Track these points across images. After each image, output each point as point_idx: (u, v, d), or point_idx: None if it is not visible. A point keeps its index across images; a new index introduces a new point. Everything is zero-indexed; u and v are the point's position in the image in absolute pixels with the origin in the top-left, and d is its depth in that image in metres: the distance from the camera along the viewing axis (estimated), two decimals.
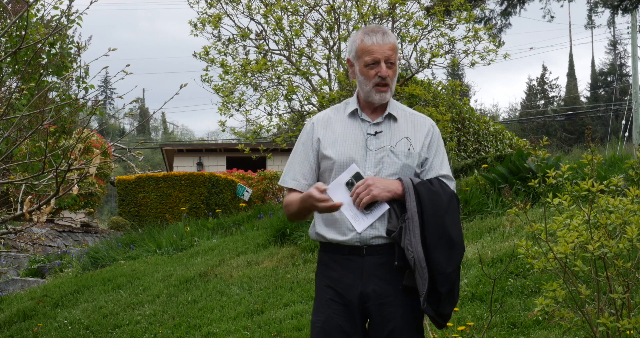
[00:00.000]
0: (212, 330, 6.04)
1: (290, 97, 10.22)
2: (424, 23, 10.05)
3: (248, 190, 13.60)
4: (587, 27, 55.21)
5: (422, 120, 2.92)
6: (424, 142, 2.86)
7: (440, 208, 2.72)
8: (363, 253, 2.77)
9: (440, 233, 2.69)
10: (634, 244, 3.04)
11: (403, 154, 2.81)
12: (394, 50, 2.84)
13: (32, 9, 5.96)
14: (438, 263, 2.66)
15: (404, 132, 2.86)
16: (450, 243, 2.70)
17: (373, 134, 2.84)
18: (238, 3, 10.43)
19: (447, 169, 2.89)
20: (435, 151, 2.88)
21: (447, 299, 2.71)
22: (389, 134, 2.84)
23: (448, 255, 2.68)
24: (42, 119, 4.84)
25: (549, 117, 46.76)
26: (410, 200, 2.70)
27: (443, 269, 2.66)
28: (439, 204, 2.72)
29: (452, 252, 2.70)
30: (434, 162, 2.86)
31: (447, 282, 2.67)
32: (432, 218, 2.69)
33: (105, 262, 10.26)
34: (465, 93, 33.16)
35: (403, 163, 2.81)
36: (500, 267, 5.72)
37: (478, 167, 10.61)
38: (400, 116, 2.90)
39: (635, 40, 23.47)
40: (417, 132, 2.86)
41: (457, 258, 2.71)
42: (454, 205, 2.77)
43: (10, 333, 7.40)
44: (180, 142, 47.05)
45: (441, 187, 2.79)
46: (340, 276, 2.79)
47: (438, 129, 2.94)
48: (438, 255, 2.66)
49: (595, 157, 3.35)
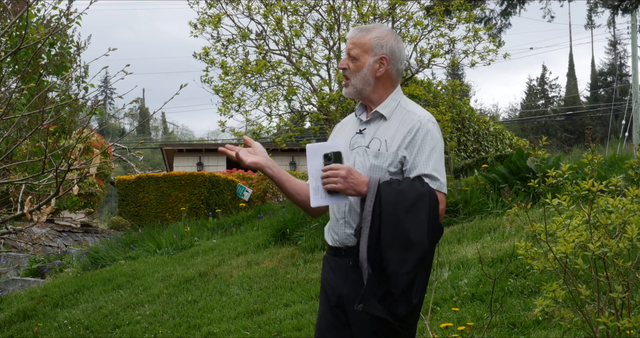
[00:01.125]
0: (212, 330, 6.04)
1: (290, 98, 10.22)
2: (424, 23, 10.05)
3: (248, 190, 13.60)
4: (587, 27, 55.31)
5: (411, 117, 2.80)
6: (404, 140, 2.75)
7: (400, 208, 2.63)
8: (342, 253, 2.80)
9: (396, 233, 2.62)
10: (634, 244, 3.04)
11: (372, 154, 2.76)
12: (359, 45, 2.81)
13: (32, 9, 5.96)
14: (391, 263, 2.61)
15: (390, 130, 2.79)
16: (407, 243, 2.61)
17: (359, 133, 2.84)
18: (238, 3, 10.43)
19: (433, 167, 2.73)
20: (419, 149, 2.74)
21: (402, 300, 2.63)
22: (371, 133, 2.81)
23: (403, 256, 2.61)
24: (42, 118, 4.84)
25: (549, 117, 46.77)
26: (369, 200, 2.66)
27: (396, 269, 2.60)
28: (400, 204, 2.63)
29: (407, 252, 2.61)
30: (416, 160, 2.73)
31: (401, 282, 2.60)
32: (390, 218, 2.63)
33: (105, 262, 10.26)
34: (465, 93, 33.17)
35: (371, 164, 2.75)
36: (500, 267, 5.72)
37: (478, 167, 10.62)
38: (396, 114, 2.82)
39: (635, 40, 23.48)
40: (401, 131, 2.78)
41: (413, 258, 2.61)
42: (423, 204, 2.64)
43: (10, 333, 7.40)
44: (180, 142, 47.06)
45: (411, 186, 2.67)
46: (328, 276, 2.86)
47: (431, 126, 2.79)
48: (392, 255, 2.61)
49: (595, 157, 3.35)
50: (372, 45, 2.81)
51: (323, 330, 2.84)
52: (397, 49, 2.85)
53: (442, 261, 6.28)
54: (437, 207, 2.68)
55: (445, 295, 5.47)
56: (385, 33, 2.85)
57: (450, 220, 7.87)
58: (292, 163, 22.93)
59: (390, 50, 2.83)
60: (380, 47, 2.82)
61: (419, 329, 4.87)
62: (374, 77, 2.83)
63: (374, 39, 2.82)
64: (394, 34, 2.90)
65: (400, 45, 2.87)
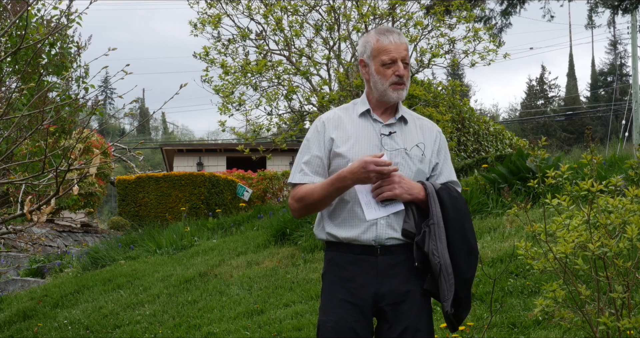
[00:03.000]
0: (212, 330, 6.04)
1: (290, 97, 10.23)
2: (424, 23, 10.05)
3: (248, 190, 13.60)
4: (587, 27, 55.23)
5: (430, 126, 2.95)
6: (434, 148, 2.90)
7: (461, 214, 2.75)
8: (377, 253, 2.75)
9: (462, 239, 2.72)
10: (633, 244, 3.04)
11: (417, 158, 2.83)
12: (408, 50, 2.89)
13: (32, 9, 5.96)
14: (461, 268, 2.69)
15: (415, 135, 2.88)
16: (470, 248, 2.73)
17: (387, 135, 2.84)
18: (238, 3, 10.43)
19: (454, 174, 2.96)
20: (444, 157, 2.93)
21: (465, 304, 2.74)
22: (402, 137, 2.85)
23: (469, 261, 2.72)
24: (42, 118, 4.84)
25: (549, 117, 46.77)
26: (435, 206, 2.72)
27: (464, 274, 2.69)
28: (460, 210, 2.76)
29: (471, 257, 2.73)
30: (444, 168, 2.91)
31: (467, 287, 2.71)
32: (455, 224, 2.72)
33: (105, 262, 10.26)
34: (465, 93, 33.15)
35: (417, 168, 2.82)
36: (500, 267, 5.72)
37: (478, 167, 10.61)
38: (410, 120, 2.92)
39: (635, 40, 23.47)
40: (427, 138, 2.90)
41: (475, 263, 2.74)
42: (468, 211, 2.83)
43: (10, 333, 7.40)
44: (180, 142, 47.05)
45: (458, 192, 2.83)
46: (353, 276, 2.76)
47: (444, 135, 3.00)
48: (461, 260, 2.69)
49: (595, 157, 3.35)
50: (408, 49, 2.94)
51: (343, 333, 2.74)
52: None
53: None
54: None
55: None
56: None
57: None
58: (292, 163, 22.91)
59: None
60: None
61: None
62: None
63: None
64: None
65: None
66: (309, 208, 2.82)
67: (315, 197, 2.77)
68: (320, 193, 2.75)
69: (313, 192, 2.77)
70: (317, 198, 2.77)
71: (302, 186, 2.83)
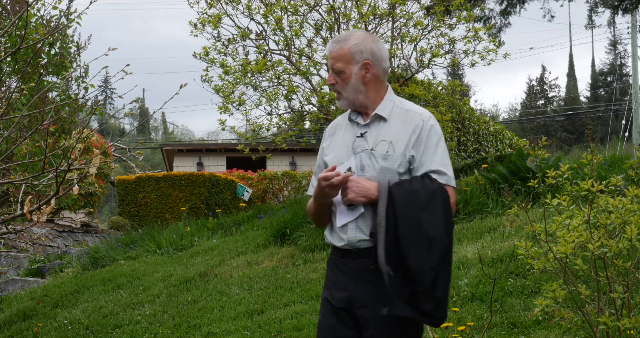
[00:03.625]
0: (212, 330, 6.04)
1: (290, 97, 10.22)
2: (424, 23, 10.05)
3: (248, 190, 13.60)
4: (587, 27, 55.26)
5: (413, 116, 2.83)
6: (410, 140, 2.78)
7: (415, 208, 2.66)
8: (353, 256, 2.79)
9: (416, 232, 2.65)
10: (633, 244, 3.04)
11: (381, 156, 2.77)
12: (340, 58, 2.83)
13: (32, 9, 5.96)
14: (413, 261, 2.63)
15: (393, 131, 2.80)
16: (428, 241, 2.65)
17: (360, 136, 2.83)
18: (238, 3, 10.43)
19: (439, 162, 2.78)
20: (425, 146, 2.78)
21: (427, 297, 2.65)
22: (374, 135, 2.82)
23: (425, 253, 2.64)
24: (42, 118, 4.84)
25: (549, 117, 46.79)
26: (381, 204, 2.68)
27: (419, 267, 2.62)
28: (415, 203, 2.67)
29: (430, 249, 2.64)
30: (423, 158, 2.77)
31: (425, 279, 2.63)
32: (406, 219, 2.65)
33: (105, 262, 10.26)
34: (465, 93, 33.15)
35: (381, 166, 2.76)
36: (500, 267, 5.72)
37: (478, 167, 10.61)
38: (394, 115, 2.84)
39: (635, 40, 23.48)
40: (405, 130, 2.80)
41: (436, 255, 2.65)
42: (436, 201, 2.69)
43: (10, 333, 7.40)
44: (180, 142, 47.06)
45: (422, 184, 2.71)
46: (335, 278, 2.84)
47: (432, 122, 2.83)
48: (413, 254, 2.63)
49: (595, 157, 3.35)
50: (352, 54, 2.83)
51: (324, 331, 2.83)
52: (377, 49, 2.86)
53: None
54: (448, 201, 2.73)
55: None
56: (361, 38, 2.86)
57: None
58: (292, 163, 22.92)
59: (371, 53, 2.84)
60: (361, 53, 2.83)
61: None
62: (363, 83, 2.84)
63: (353, 47, 2.83)
64: (371, 35, 2.91)
65: (379, 46, 2.87)
66: (314, 219, 2.97)
67: (312, 211, 2.92)
68: (312, 207, 2.90)
69: (310, 206, 2.93)
70: (313, 212, 2.92)
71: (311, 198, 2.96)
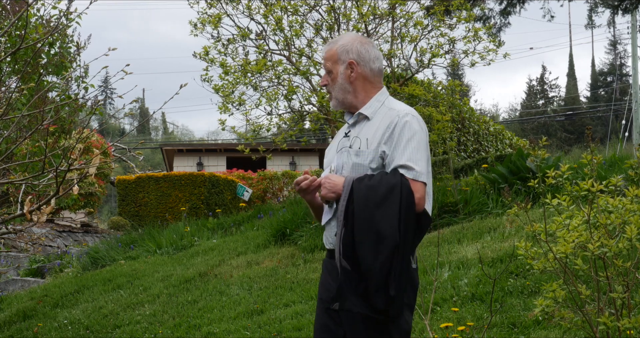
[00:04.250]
0: (212, 330, 6.04)
1: (290, 97, 10.21)
2: (424, 23, 10.04)
3: (248, 190, 13.60)
4: (587, 27, 55.24)
5: (391, 113, 2.85)
6: (383, 136, 2.80)
7: (370, 203, 2.67)
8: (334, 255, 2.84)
9: (367, 228, 2.66)
10: (633, 244, 3.04)
11: (354, 153, 2.85)
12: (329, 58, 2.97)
13: (32, 9, 5.96)
14: (363, 258, 2.65)
15: (371, 129, 2.86)
16: (378, 237, 2.64)
17: (345, 136, 2.95)
18: (238, 3, 10.42)
19: (408, 157, 2.75)
20: (396, 142, 2.78)
21: (379, 293, 2.63)
22: (354, 134, 2.91)
23: (375, 249, 2.64)
24: (42, 118, 4.84)
25: (549, 117, 46.78)
26: (342, 199, 2.75)
27: (369, 264, 2.63)
28: (371, 198, 2.68)
29: (379, 245, 2.64)
30: (393, 153, 2.77)
31: (374, 276, 2.62)
32: (361, 214, 2.68)
33: (105, 262, 10.26)
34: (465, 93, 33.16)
35: (353, 162, 2.84)
36: (500, 267, 5.72)
37: (478, 167, 10.62)
38: (378, 114, 2.88)
39: (635, 40, 23.48)
40: (381, 127, 2.84)
41: (385, 251, 2.63)
42: (394, 197, 2.67)
43: (10, 333, 7.40)
44: (180, 142, 47.06)
45: (382, 179, 2.71)
46: (325, 278, 2.93)
47: (409, 118, 2.82)
48: (364, 250, 2.65)
49: (595, 157, 3.35)
50: (339, 54, 2.97)
51: (317, 331, 2.88)
52: (364, 50, 2.95)
53: (442, 261, 6.28)
54: (410, 196, 2.69)
55: (445, 295, 5.46)
56: (350, 39, 2.99)
57: (450, 220, 7.87)
58: (292, 163, 22.92)
59: (357, 53, 2.94)
60: (347, 53, 2.95)
61: (419, 329, 4.87)
62: (349, 82, 2.94)
63: (340, 48, 2.97)
64: (360, 37, 3.01)
65: (366, 47, 2.96)
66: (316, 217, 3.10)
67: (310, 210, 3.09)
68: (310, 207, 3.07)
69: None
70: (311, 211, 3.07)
71: None
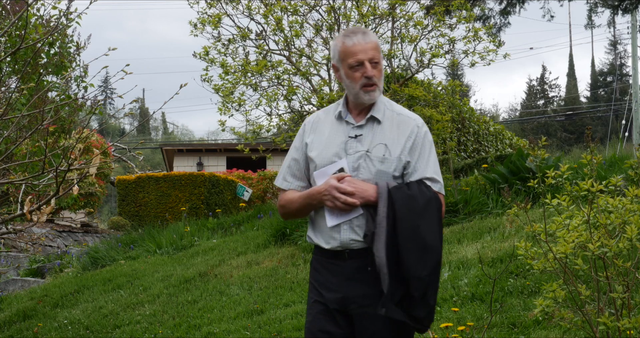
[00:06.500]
0: (212, 330, 6.04)
1: (290, 98, 10.21)
2: (424, 23, 10.04)
3: (248, 190, 13.60)
4: (587, 27, 55.17)
5: (407, 121, 2.83)
6: (405, 145, 2.79)
7: (414, 213, 2.67)
8: (345, 257, 2.78)
9: (413, 237, 2.66)
10: (633, 244, 3.04)
11: (378, 159, 2.76)
12: (376, 49, 2.80)
13: (32, 9, 5.96)
14: (411, 266, 2.64)
15: (387, 135, 2.80)
16: (424, 247, 2.66)
17: (353, 137, 2.82)
18: (238, 3, 10.42)
19: (433, 170, 2.80)
20: (420, 153, 2.80)
21: (421, 303, 2.67)
22: (369, 138, 2.81)
23: (422, 259, 2.65)
24: (42, 118, 4.84)
25: (549, 117, 46.78)
26: (382, 205, 2.68)
27: (416, 273, 2.64)
28: (413, 208, 2.68)
29: (426, 255, 2.66)
30: (417, 165, 2.79)
31: (421, 285, 2.65)
32: (405, 223, 2.66)
33: (105, 262, 10.26)
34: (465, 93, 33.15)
35: (377, 169, 2.76)
36: (500, 267, 5.72)
37: (478, 167, 10.61)
38: (387, 118, 2.84)
39: (635, 40, 23.47)
40: (400, 135, 2.80)
41: (431, 262, 2.67)
42: (432, 209, 2.71)
43: (10, 333, 7.39)
44: (180, 142, 47.06)
45: (419, 190, 2.72)
46: (325, 279, 2.82)
47: (425, 129, 2.85)
48: (411, 258, 2.64)
49: (595, 157, 3.34)
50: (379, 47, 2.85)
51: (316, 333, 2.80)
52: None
53: (442, 261, 6.28)
54: (441, 209, 2.76)
55: (445, 295, 5.47)
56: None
57: (450, 220, 7.86)
58: None
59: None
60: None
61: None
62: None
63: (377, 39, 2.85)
64: None
65: None
66: (290, 215, 2.94)
67: (293, 207, 2.89)
68: (297, 205, 2.87)
69: (292, 202, 2.89)
70: (295, 208, 2.88)
71: (286, 192, 2.93)
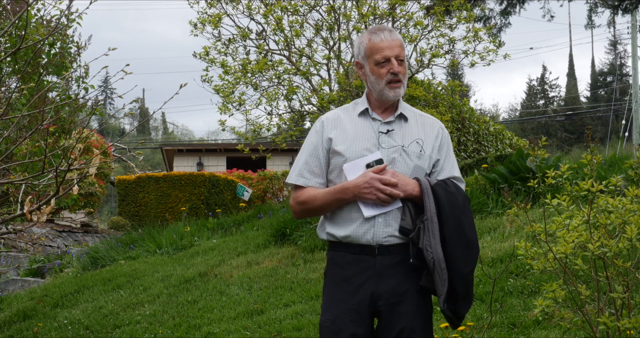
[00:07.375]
0: (212, 330, 6.04)
1: (290, 97, 10.22)
2: (424, 23, 10.04)
3: (248, 190, 13.60)
4: (587, 27, 55.23)
5: (432, 122, 2.93)
6: (435, 144, 2.88)
7: (457, 209, 2.75)
8: (375, 253, 2.76)
9: (459, 233, 2.71)
10: (633, 244, 3.04)
11: (415, 154, 2.83)
12: (402, 47, 2.86)
13: (32, 9, 5.96)
14: (457, 263, 2.68)
15: (415, 132, 2.87)
16: (467, 243, 2.72)
17: (385, 132, 2.84)
18: (238, 3, 10.42)
19: (457, 170, 2.93)
20: (446, 153, 2.91)
21: (465, 300, 2.72)
22: (400, 134, 2.86)
23: (466, 256, 2.71)
24: (42, 118, 4.84)
25: (549, 117, 46.77)
26: (429, 201, 2.72)
27: (461, 269, 2.69)
28: (456, 205, 2.75)
29: (469, 252, 2.72)
30: (445, 164, 2.89)
31: (465, 282, 2.70)
32: (450, 219, 2.72)
33: (105, 262, 10.25)
34: (465, 93, 33.15)
35: (415, 164, 2.82)
36: (500, 267, 5.72)
37: (478, 167, 10.61)
38: (410, 117, 2.91)
39: (635, 40, 23.47)
40: (428, 134, 2.88)
41: (474, 258, 2.74)
42: (468, 207, 2.82)
43: (10, 333, 7.39)
44: (180, 142, 47.07)
45: (457, 188, 2.82)
46: (351, 275, 2.78)
47: (447, 131, 2.96)
48: (457, 255, 2.69)
49: (595, 157, 3.34)
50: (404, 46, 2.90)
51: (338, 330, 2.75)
52: None
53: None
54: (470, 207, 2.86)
55: None
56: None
57: None
58: (292, 163, 22.90)
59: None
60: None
61: None
62: None
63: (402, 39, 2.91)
64: None
65: None
66: (310, 212, 2.88)
67: (317, 203, 2.82)
68: (322, 201, 2.81)
69: (315, 199, 2.82)
70: (318, 205, 2.82)
71: (305, 190, 2.87)
